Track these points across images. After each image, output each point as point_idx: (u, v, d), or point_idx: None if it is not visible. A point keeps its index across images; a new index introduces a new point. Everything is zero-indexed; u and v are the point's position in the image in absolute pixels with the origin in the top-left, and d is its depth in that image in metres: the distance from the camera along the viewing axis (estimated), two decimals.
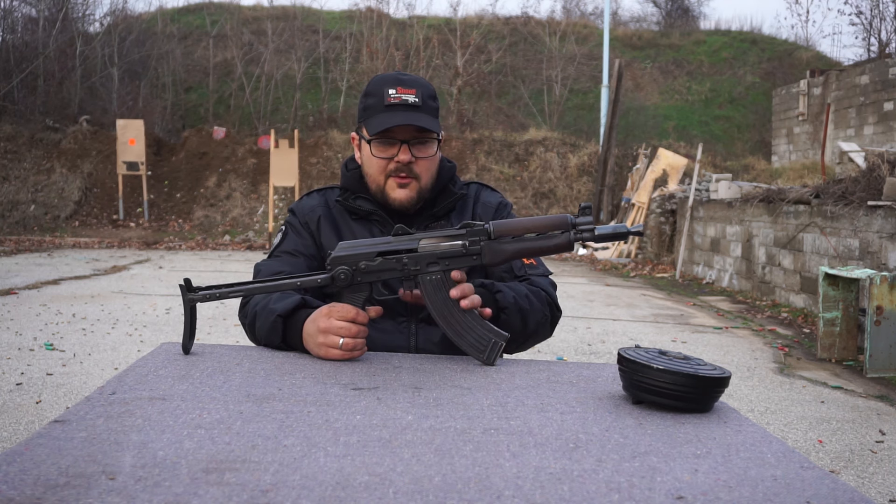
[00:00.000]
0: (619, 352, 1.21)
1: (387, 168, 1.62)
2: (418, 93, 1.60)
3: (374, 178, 1.64)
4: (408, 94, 1.59)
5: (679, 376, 1.13)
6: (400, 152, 1.60)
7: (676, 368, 1.14)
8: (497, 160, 16.29)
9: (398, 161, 1.60)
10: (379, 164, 1.62)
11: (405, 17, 21.58)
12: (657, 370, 1.14)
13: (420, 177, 1.63)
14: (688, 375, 1.13)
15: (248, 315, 1.58)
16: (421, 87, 1.61)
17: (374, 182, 1.65)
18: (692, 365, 1.16)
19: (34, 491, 0.77)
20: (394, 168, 1.61)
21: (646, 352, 1.21)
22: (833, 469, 3.20)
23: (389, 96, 1.59)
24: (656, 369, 1.14)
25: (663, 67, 20.64)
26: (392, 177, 1.62)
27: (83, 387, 4.20)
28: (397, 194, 1.63)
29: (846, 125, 14.21)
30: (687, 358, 1.19)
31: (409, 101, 1.59)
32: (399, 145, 1.60)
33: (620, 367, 1.20)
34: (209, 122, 18.01)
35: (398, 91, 1.59)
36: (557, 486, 0.84)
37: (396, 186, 1.62)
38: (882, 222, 6.10)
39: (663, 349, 1.23)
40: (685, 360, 1.17)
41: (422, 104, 1.60)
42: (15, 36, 18.25)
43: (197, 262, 11.23)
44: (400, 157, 1.60)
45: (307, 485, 0.81)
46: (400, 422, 1.05)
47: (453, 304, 1.43)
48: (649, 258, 11.70)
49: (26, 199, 15.14)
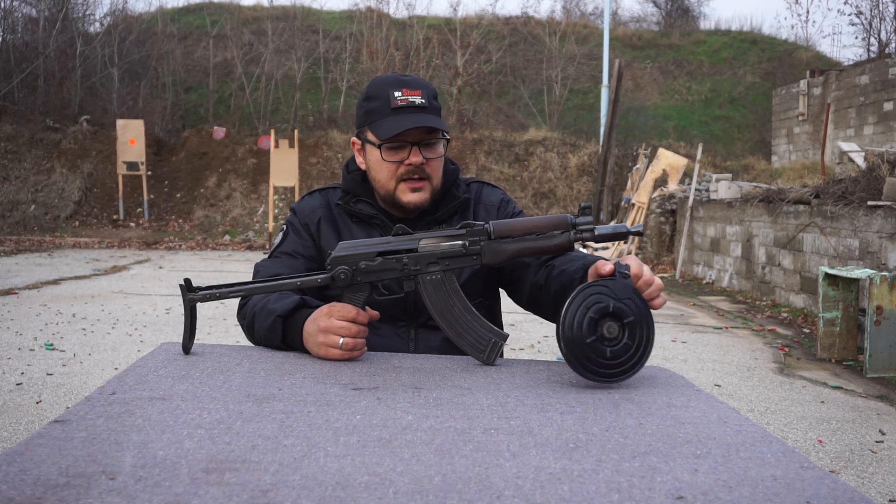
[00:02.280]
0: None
1: (398, 172, 1.59)
2: (423, 93, 1.58)
3: (384, 183, 1.61)
4: (413, 95, 1.57)
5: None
6: (411, 155, 1.57)
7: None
8: (497, 160, 16.29)
9: (409, 164, 1.57)
10: (390, 169, 1.59)
11: (405, 17, 21.58)
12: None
13: (432, 177, 1.61)
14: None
15: (246, 316, 1.57)
16: (424, 87, 1.60)
17: (384, 188, 1.62)
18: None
19: (34, 491, 0.77)
20: (405, 171, 1.58)
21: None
22: (833, 469, 3.20)
23: (396, 99, 1.56)
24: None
25: (663, 67, 20.64)
26: (404, 181, 1.60)
27: (83, 387, 4.20)
28: (410, 198, 1.60)
29: (846, 125, 14.21)
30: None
31: (415, 102, 1.57)
32: (409, 148, 1.57)
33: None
34: (209, 122, 18.01)
35: (404, 93, 1.57)
36: (557, 486, 0.84)
37: (409, 190, 1.60)
38: (882, 222, 6.10)
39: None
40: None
41: (428, 105, 1.58)
42: (15, 36, 18.26)
43: (197, 262, 11.23)
44: (411, 159, 1.57)
45: (307, 485, 0.81)
46: (400, 422, 1.05)
47: (453, 304, 1.43)
48: (649, 258, 11.71)
49: (26, 199, 15.14)
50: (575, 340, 1.25)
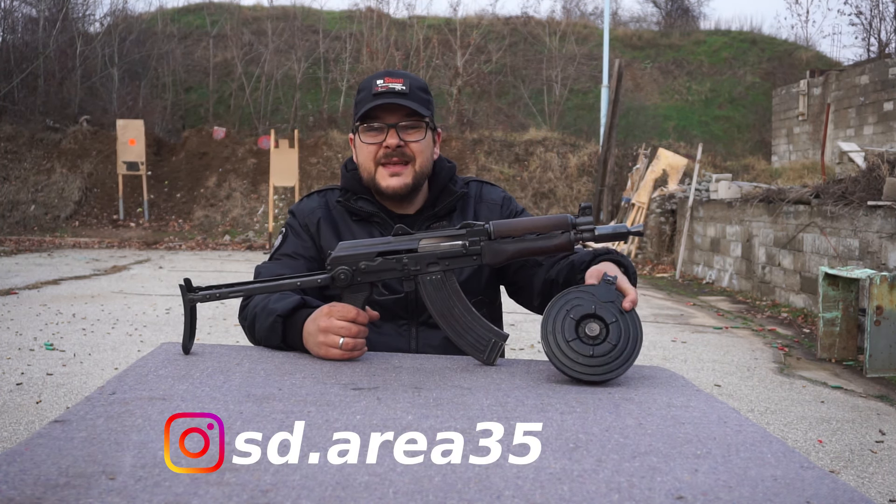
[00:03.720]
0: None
1: (377, 155, 1.62)
2: (406, 82, 1.62)
3: (366, 166, 1.65)
4: (395, 82, 1.61)
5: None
6: (388, 136, 1.60)
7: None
8: (497, 160, 16.29)
9: (387, 146, 1.61)
10: (369, 151, 1.63)
11: (405, 17, 21.58)
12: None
13: (414, 159, 1.63)
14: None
15: (247, 316, 1.58)
16: (409, 77, 1.64)
17: (367, 171, 1.65)
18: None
19: (34, 491, 0.77)
20: (383, 154, 1.62)
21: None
22: (833, 469, 3.20)
23: (377, 86, 1.61)
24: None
25: (663, 67, 20.64)
26: (383, 164, 1.62)
27: (83, 387, 4.20)
28: (389, 182, 1.63)
29: (846, 125, 14.21)
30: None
31: (395, 89, 1.60)
32: (387, 130, 1.61)
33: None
34: (209, 122, 18.01)
35: (385, 81, 1.61)
36: (557, 486, 0.84)
37: (388, 175, 1.63)
38: (882, 222, 6.10)
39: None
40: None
41: (409, 92, 1.61)
42: (15, 36, 18.26)
43: (197, 262, 11.23)
44: (388, 140, 1.60)
45: (307, 485, 0.81)
46: (400, 422, 1.05)
47: (453, 304, 1.43)
48: (649, 258, 11.71)
49: (26, 199, 15.14)
50: (556, 341, 1.29)
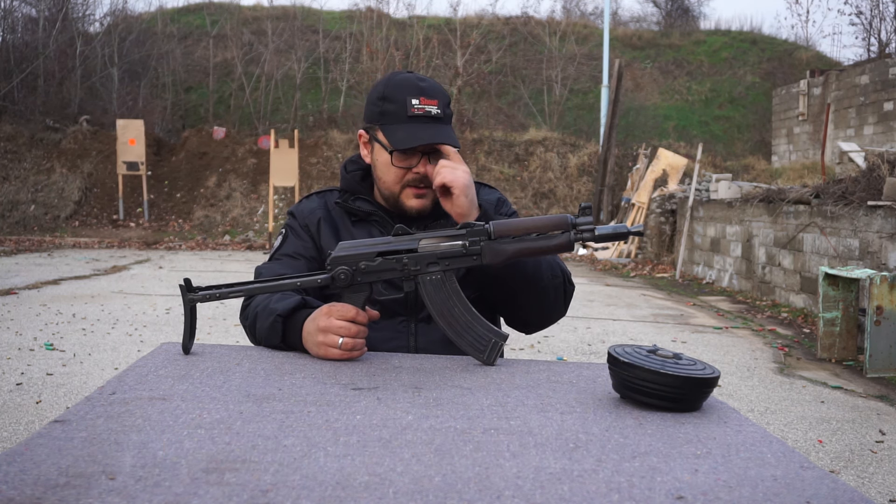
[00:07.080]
0: (608, 350, 1.21)
1: (404, 178, 1.62)
2: (439, 104, 1.59)
3: (390, 185, 1.64)
4: (430, 104, 1.58)
5: (666, 377, 1.12)
6: (420, 164, 1.60)
7: (664, 369, 1.13)
8: (497, 160, 16.29)
9: (417, 172, 1.60)
10: (397, 174, 1.62)
11: (405, 17, 21.58)
12: (645, 370, 1.13)
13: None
14: (675, 376, 1.12)
15: (248, 317, 1.58)
16: (441, 96, 1.61)
17: (389, 189, 1.64)
18: (681, 365, 1.15)
19: (34, 491, 0.77)
20: (412, 178, 1.61)
21: (636, 350, 1.20)
22: (833, 469, 3.20)
23: (413, 107, 1.57)
24: (644, 369, 1.13)
25: (663, 67, 20.64)
26: (409, 187, 1.62)
27: (83, 387, 4.21)
28: (413, 203, 1.63)
29: (846, 125, 14.22)
30: (678, 357, 1.18)
31: (431, 112, 1.58)
32: (420, 157, 1.60)
33: (610, 366, 1.20)
34: (209, 122, 18.01)
35: (421, 101, 1.58)
36: (557, 486, 0.84)
37: (413, 196, 1.63)
38: (882, 222, 6.10)
39: (657, 347, 1.21)
40: (675, 360, 1.16)
41: (443, 115, 1.59)
42: (15, 36, 18.27)
43: (197, 262, 11.23)
44: (419, 168, 1.60)
45: (307, 485, 0.81)
46: (400, 422, 1.05)
47: (453, 305, 1.43)
48: (649, 258, 11.71)
49: (26, 199, 15.15)
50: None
